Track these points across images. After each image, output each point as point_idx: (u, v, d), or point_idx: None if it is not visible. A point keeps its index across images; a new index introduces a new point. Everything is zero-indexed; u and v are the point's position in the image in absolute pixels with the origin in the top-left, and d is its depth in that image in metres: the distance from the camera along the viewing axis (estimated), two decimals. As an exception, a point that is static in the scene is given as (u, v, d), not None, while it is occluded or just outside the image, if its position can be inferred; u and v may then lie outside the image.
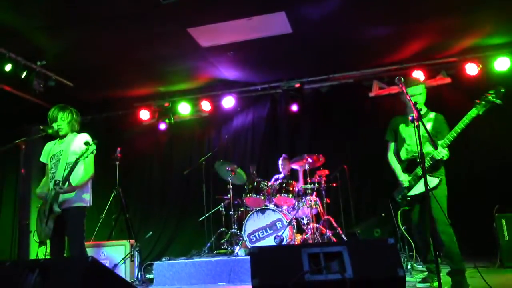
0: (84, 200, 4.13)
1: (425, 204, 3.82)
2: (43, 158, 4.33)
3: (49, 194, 4.02)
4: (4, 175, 7.72)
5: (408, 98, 3.85)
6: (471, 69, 7.03)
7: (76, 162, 3.92)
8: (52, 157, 4.21)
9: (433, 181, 3.97)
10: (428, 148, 3.99)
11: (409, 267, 5.08)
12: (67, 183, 3.90)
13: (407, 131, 4.25)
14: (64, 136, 4.24)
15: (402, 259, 5.07)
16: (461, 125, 3.86)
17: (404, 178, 4.17)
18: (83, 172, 4.08)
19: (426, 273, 4.29)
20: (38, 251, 6.87)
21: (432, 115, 4.22)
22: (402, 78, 3.82)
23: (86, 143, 3.94)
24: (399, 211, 4.14)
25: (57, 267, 2.77)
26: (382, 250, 2.71)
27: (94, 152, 3.98)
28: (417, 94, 4.13)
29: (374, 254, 2.70)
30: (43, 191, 4.15)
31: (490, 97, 3.84)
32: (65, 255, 4.23)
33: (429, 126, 4.10)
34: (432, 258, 4.09)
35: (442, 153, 3.87)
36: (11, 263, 2.94)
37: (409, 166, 4.19)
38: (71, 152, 4.07)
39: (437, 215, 3.85)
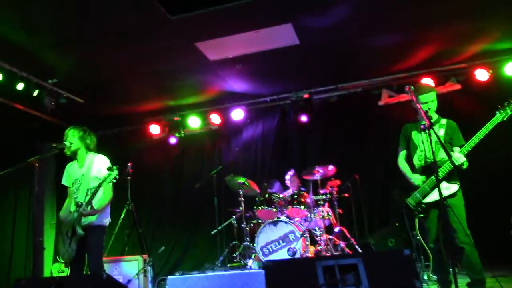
0: (104, 221, 4.29)
1: (441, 213, 3.76)
2: (64, 181, 4.46)
3: (71, 216, 4.10)
4: (18, 193, 7.77)
5: (419, 106, 3.83)
6: (481, 74, 6.96)
7: (99, 187, 4.05)
8: (74, 181, 4.34)
9: (452, 187, 3.92)
10: (442, 154, 3.95)
11: (425, 277, 5.00)
12: (89, 206, 4.02)
13: (419, 138, 4.21)
14: (76, 153, 4.31)
15: (418, 270, 4.99)
16: (484, 131, 3.83)
17: (416, 178, 4.10)
18: (102, 195, 4.21)
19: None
20: (52, 268, 6.89)
21: (444, 121, 4.18)
22: (412, 87, 3.81)
23: (109, 169, 4.04)
24: (416, 219, 4.06)
25: (72, 285, 2.77)
26: (398, 262, 2.68)
27: (117, 177, 4.06)
28: (429, 101, 4.08)
29: (390, 266, 2.67)
30: (65, 214, 4.27)
31: None
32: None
33: (441, 132, 4.06)
34: (449, 268, 4.00)
35: (461, 159, 3.82)
36: (26, 281, 2.95)
37: (423, 173, 4.13)
38: (91, 177, 4.22)
39: (457, 225, 3.78)
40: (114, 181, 4.12)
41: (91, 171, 4.24)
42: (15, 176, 7.51)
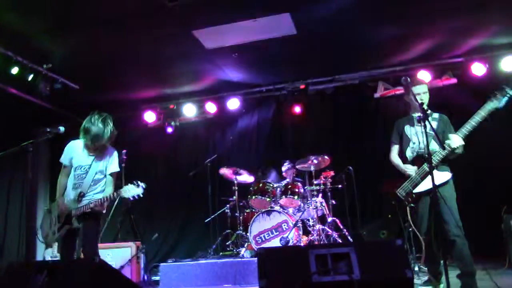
0: (103, 208, 4.27)
1: (433, 202, 3.77)
2: (65, 160, 4.28)
3: (72, 206, 4.07)
4: (11, 178, 7.75)
5: (414, 98, 3.84)
6: (478, 69, 6.97)
7: (118, 196, 4.11)
8: (78, 167, 4.20)
9: (443, 176, 3.94)
10: (433, 146, 3.97)
11: (416, 268, 5.05)
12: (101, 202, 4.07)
13: (412, 131, 4.23)
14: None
15: (410, 260, 5.04)
16: (476, 118, 3.83)
17: (410, 167, 4.11)
18: (105, 186, 4.24)
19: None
20: (45, 253, 6.89)
21: (436, 115, 4.21)
22: (409, 79, 3.82)
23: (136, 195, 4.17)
24: (408, 208, 4.07)
25: (65, 269, 2.78)
26: (389, 251, 2.70)
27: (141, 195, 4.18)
28: (422, 93, 4.12)
29: (382, 255, 2.69)
30: (64, 199, 4.16)
31: (508, 90, 3.82)
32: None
33: (434, 125, 4.08)
34: (440, 260, 4.03)
35: (460, 142, 3.83)
36: (19, 264, 2.95)
37: (414, 164, 4.13)
38: (99, 170, 4.19)
39: (448, 216, 3.81)
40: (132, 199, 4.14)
41: (100, 163, 4.20)
42: (8, 161, 7.55)
